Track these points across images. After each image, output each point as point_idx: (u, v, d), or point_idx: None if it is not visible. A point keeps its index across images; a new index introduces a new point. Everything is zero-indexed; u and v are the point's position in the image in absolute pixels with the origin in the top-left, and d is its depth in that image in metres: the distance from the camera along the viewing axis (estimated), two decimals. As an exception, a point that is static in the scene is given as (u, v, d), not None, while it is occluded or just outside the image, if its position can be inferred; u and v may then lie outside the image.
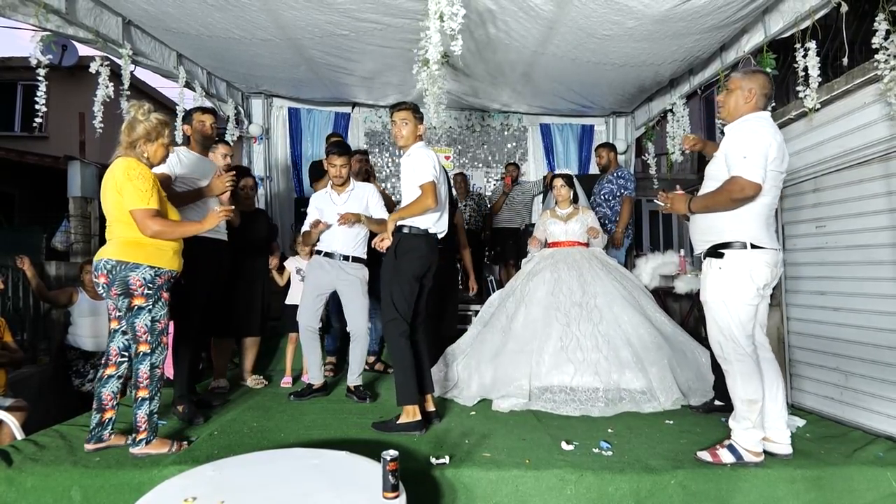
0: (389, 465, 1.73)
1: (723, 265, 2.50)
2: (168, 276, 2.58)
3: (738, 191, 2.40)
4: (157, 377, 2.55)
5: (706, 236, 2.59)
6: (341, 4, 3.72)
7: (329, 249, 3.66)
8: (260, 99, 6.25)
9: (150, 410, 2.53)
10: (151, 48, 4.42)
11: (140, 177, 2.46)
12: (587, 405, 3.30)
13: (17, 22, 3.40)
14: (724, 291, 2.51)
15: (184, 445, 2.60)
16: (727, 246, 2.50)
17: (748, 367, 2.50)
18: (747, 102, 2.54)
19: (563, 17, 3.73)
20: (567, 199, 4.22)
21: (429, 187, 2.91)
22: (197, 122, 3.33)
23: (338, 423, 3.06)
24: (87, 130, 8.59)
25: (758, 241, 2.47)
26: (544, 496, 2.34)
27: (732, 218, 2.48)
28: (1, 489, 2.27)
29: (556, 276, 3.89)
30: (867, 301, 3.14)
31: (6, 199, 10.11)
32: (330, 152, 3.65)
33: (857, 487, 2.43)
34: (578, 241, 4.15)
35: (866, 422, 3.10)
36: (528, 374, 3.44)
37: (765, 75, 2.59)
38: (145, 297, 2.48)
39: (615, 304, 3.74)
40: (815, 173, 3.51)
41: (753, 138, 2.43)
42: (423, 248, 3.02)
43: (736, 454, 2.49)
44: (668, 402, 3.37)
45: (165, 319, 2.58)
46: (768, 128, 2.48)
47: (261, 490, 1.77)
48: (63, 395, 4.15)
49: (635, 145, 6.78)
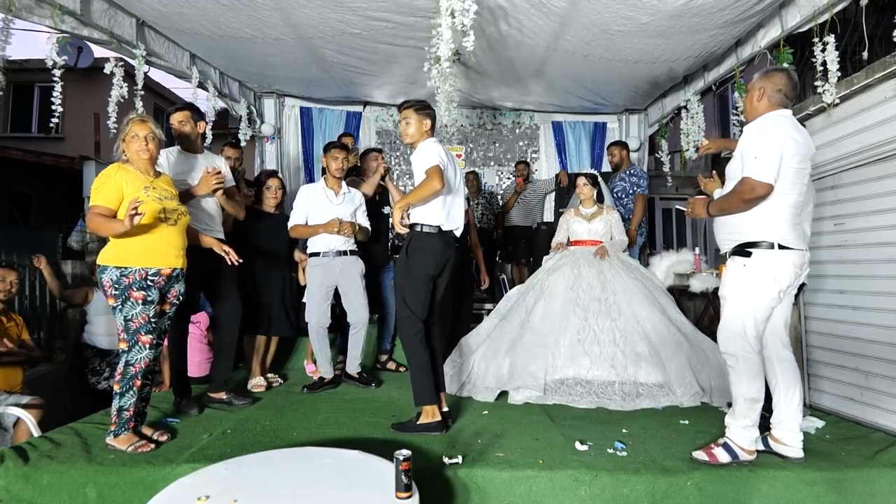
0: (402, 465, 1.72)
1: (748, 263, 2.47)
2: (139, 276, 2.55)
3: (748, 191, 2.39)
4: (130, 374, 2.56)
5: (732, 236, 2.55)
6: (353, 3, 3.71)
7: (326, 249, 3.75)
8: (272, 98, 6.28)
9: (119, 405, 2.56)
10: (165, 49, 4.45)
11: (98, 177, 2.61)
12: (603, 398, 3.30)
13: (34, 24, 3.44)
14: (746, 289, 2.48)
15: (150, 446, 2.53)
16: (754, 245, 2.47)
17: (754, 365, 2.48)
18: (759, 101, 2.53)
19: (575, 12, 3.70)
20: (591, 199, 4.21)
21: (434, 170, 2.81)
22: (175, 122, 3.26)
23: (351, 421, 3.06)
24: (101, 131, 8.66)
25: (785, 241, 2.43)
26: (558, 497, 2.32)
27: (759, 217, 2.45)
28: (18, 486, 2.29)
29: (576, 271, 3.89)
30: (888, 300, 3.08)
31: (23, 200, 10.26)
32: (332, 146, 3.83)
33: (879, 491, 2.38)
34: (601, 241, 4.13)
35: (887, 423, 3.04)
36: (544, 366, 3.45)
37: (781, 72, 2.54)
38: (114, 297, 2.55)
39: (634, 301, 3.73)
40: (833, 170, 3.45)
41: (764, 137, 2.41)
42: (436, 246, 2.96)
43: (731, 453, 2.46)
44: (686, 396, 3.34)
45: (141, 318, 2.55)
46: (783, 125, 2.44)
47: (273, 489, 1.77)
48: (79, 393, 4.19)
49: (648, 143, 6.71)
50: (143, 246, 2.57)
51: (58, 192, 9.61)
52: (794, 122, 2.51)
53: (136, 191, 2.56)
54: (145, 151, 2.64)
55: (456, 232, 3.06)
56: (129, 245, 2.56)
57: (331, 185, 3.82)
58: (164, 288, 2.69)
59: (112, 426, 2.57)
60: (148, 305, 2.58)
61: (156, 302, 2.62)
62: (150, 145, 2.65)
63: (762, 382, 2.50)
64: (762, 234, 2.45)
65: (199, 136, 3.32)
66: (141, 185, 2.60)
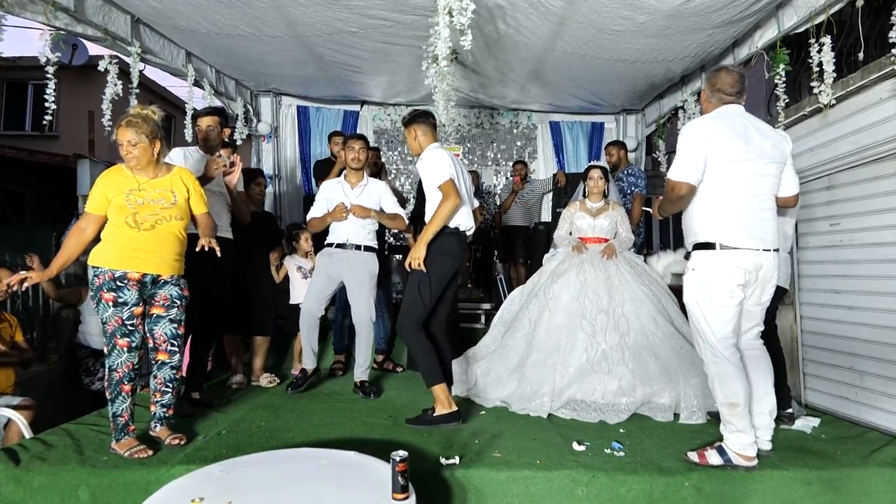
0: (399, 466, 1.71)
1: (695, 266, 2.48)
2: (108, 277, 2.51)
3: (669, 190, 2.47)
4: (115, 380, 2.52)
5: (686, 238, 2.59)
6: (350, 1, 3.69)
7: (340, 240, 3.69)
8: (269, 97, 6.24)
9: (112, 412, 2.54)
10: (160, 46, 4.42)
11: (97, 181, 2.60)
12: (608, 415, 3.18)
13: (27, 21, 3.41)
14: (696, 293, 2.48)
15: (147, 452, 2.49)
16: (699, 247, 2.48)
17: (724, 369, 2.45)
18: (705, 105, 2.61)
19: (573, 12, 3.69)
20: (601, 193, 4.07)
21: (448, 185, 2.92)
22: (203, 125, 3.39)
23: (346, 422, 3.05)
24: (96, 129, 8.62)
25: (728, 241, 2.40)
26: (555, 497, 2.31)
27: (703, 217, 2.46)
28: (9, 488, 2.27)
29: (581, 278, 3.69)
30: (882, 299, 3.10)
31: (16, 198, 10.18)
32: (349, 137, 3.80)
33: (874, 490, 2.39)
34: (605, 238, 3.98)
35: (882, 422, 3.05)
36: (550, 391, 3.30)
37: (717, 72, 2.57)
38: (92, 297, 2.56)
39: (643, 313, 3.55)
40: (829, 170, 3.46)
41: (682, 138, 2.46)
42: (455, 248, 3.06)
43: (724, 456, 2.44)
44: (691, 419, 3.16)
45: (114, 320, 2.51)
46: (703, 124, 2.44)
47: (269, 490, 1.76)
48: (73, 394, 4.17)
49: (646, 143, 6.72)
50: (111, 247, 2.57)
51: (51, 191, 9.54)
52: (733, 118, 2.45)
53: (118, 195, 2.56)
54: (132, 158, 2.61)
55: (469, 232, 3.17)
56: (102, 245, 2.58)
57: (348, 178, 3.76)
58: (147, 292, 2.63)
59: (114, 432, 2.54)
60: (120, 307, 2.51)
61: (130, 304, 2.53)
62: (136, 151, 2.59)
63: (738, 386, 2.43)
64: (706, 234, 2.45)
65: (221, 143, 3.45)
66: (127, 188, 2.58)
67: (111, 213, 2.58)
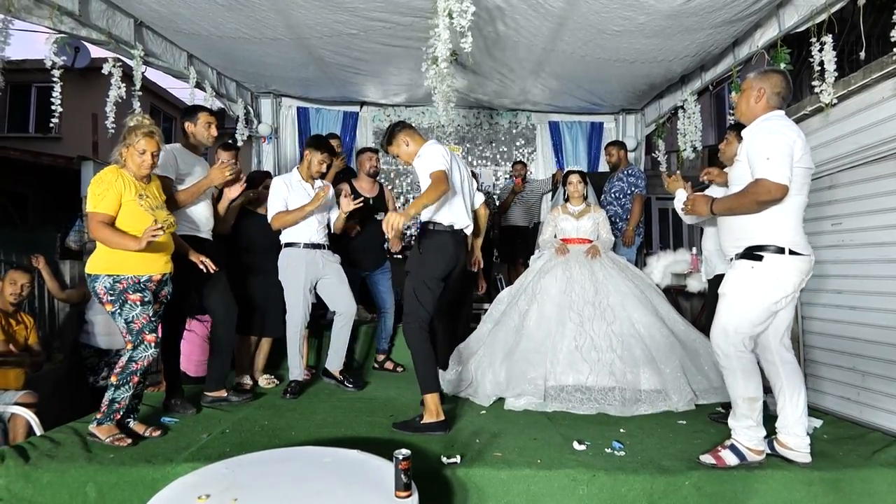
0: (402, 464, 1.72)
1: (757, 266, 2.41)
2: (132, 281, 2.64)
3: (764, 193, 2.32)
4: (130, 370, 2.63)
5: (740, 241, 2.49)
6: (350, 3, 3.71)
7: (309, 240, 3.66)
8: (269, 99, 6.27)
9: (112, 397, 2.62)
10: (162, 49, 4.45)
11: (98, 181, 2.61)
12: (603, 404, 3.29)
13: (32, 24, 3.44)
14: (750, 290, 2.43)
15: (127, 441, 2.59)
16: (764, 249, 2.41)
17: (747, 363, 2.46)
18: (758, 102, 2.48)
19: (573, 13, 3.70)
20: (581, 196, 4.24)
21: (438, 174, 2.83)
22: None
23: (349, 421, 3.07)
24: (99, 131, 8.67)
25: (796, 246, 2.39)
26: (556, 496, 2.32)
27: (769, 221, 2.40)
28: (18, 485, 2.30)
29: (567, 273, 3.86)
30: (884, 300, 3.09)
31: (21, 200, 10.22)
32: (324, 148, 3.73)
33: (876, 490, 2.38)
34: (589, 239, 4.14)
35: (885, 423, 3.05)
36: (543, 373, 3.41)
37: (779, 74, 2.50)
38: (111, 302, 2.63)
39: (628, 303, 3.72)
40: (830, 170, 3.45)
41: (775, 139, 2.35)
42: (449, 247, 3.03)
43: (739, 455, 2.45)
44: (682, 403, 3.33)
45: (142, 318, 2.63)
46: (792, 126, 2.42)
47: (273, 488, 1.78)
48: (78, 393, 4.19)
49: (645, 143, 6.71)
50: (136, 255, 2.62)
51: (55, 193, 9.58)
52: (792, 122, 2.50)
53: (131, 199, 2.64)
54: (149, 167, 2.72)
55: (466, 230, 3.12)
56: (122, 254, 2.61)
57: (306, 179, 3.74)
58: (156, 290, 2.79)
59: (99, 414, 2.64)
60: (146, 306, 2.68)
61: (152, 302, 2.72)
62: (155, 160, 2.73)
63: (759, 381, 2.48)
64: (773, 238, 2.40)
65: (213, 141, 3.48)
66: (136, 192, 2.68)
67: (128, 217, 2.64)
